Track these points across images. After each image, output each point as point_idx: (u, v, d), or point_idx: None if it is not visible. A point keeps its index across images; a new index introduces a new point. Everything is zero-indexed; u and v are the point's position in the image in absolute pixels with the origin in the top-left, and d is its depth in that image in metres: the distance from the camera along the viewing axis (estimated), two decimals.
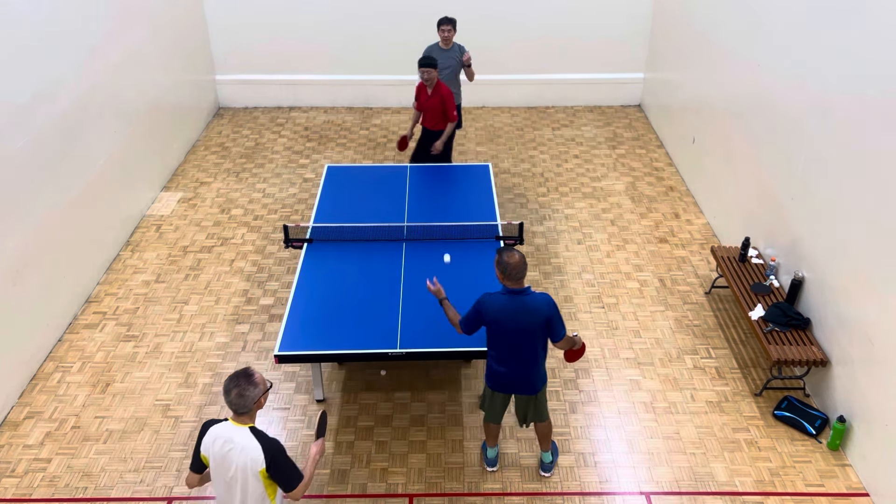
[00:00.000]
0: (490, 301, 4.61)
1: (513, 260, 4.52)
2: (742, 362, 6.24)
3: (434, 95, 7.61)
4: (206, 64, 10.45)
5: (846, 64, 5.39)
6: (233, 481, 3.65)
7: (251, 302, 6.96)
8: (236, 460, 3.61)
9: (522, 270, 4.54)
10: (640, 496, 5.12)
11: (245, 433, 3.62)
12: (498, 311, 4.58)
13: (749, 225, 6.99)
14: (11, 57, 5.87)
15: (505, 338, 4.63)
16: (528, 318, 4.56)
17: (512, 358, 4.71)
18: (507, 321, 4.57)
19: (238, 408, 3.60)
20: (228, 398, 3.59)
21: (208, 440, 3.67)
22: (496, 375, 4.83)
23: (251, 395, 3.59)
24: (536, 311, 4.57)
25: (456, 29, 8.13)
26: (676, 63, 9.30)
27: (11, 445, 5.52)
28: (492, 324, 4.62)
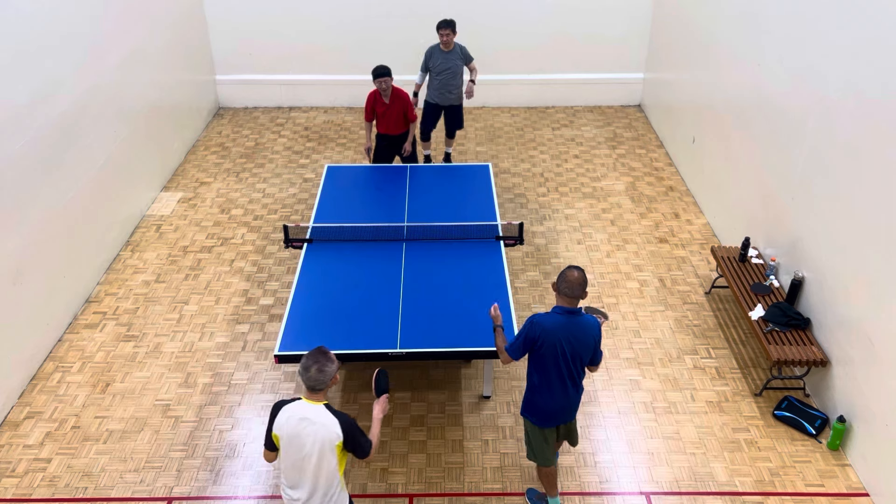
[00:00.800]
0: (544, 321, 4.31)
1: (572, 275, 4.26)
2: (742, 362, 6.24)
3: (393, 103, 7.70)
4: (206, 64, 10.45)
5: (846, 64, 5.39)
6: (307, 459, 3.74)
7: (251, 302, 6.96)
8: (313, 436, 3.71)
9: (578, 289, 4.26)
10: (640, 496, 5.12)
11: (321, 410, 3.74)
12: (554, 331, 4.28)
13: (749, 225, 6.99)
14: (11, 57, 5.87)
15: (557, 361, 4.34)
16: (583, 340, 4.33)
17: (560, 384, 4.42)
18: (563, 342, 4.29)
19: (316, 384, 3.70)
20: (308, 374, 3.68)
21: (282, 419, 3.75)
22: (544, 410, 4.51)
23: (329, 370, 3.71)
24: (591, 333, 4.35)
25: (455, 31, 8.17)
26: (676, 63, 9.31)
27: (11, 445, 5.52)
28: (546, 346, 4.31)
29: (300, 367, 3.73)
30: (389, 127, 7.88)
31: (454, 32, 8.15)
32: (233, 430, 5.63)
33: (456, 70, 8.31)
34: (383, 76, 7.46)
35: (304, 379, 3.71)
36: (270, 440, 3.85)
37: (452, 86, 8.41)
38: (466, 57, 8.39)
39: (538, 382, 4.47)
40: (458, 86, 8.43)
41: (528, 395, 4.58)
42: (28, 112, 6.07)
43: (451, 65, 8.27)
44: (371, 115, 7.87)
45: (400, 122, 7.86)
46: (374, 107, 7.79)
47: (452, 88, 8.43)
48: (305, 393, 3.79)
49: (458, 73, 8.34)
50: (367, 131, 7.99)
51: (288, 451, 3.79)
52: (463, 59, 8.36)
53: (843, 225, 5.40)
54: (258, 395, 5.93)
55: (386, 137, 7.99)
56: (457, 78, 8.37)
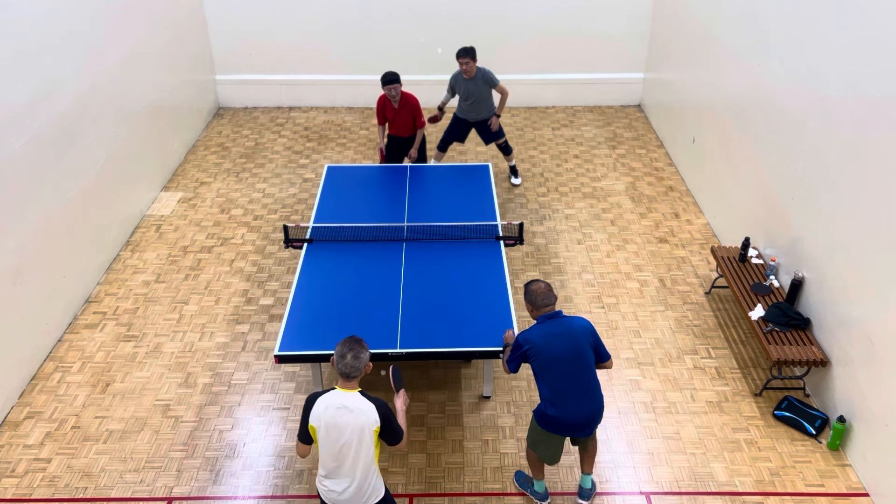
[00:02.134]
0: (530, 334, 4.41)
1: (537, 287, 4.45)
2: (742, 362, 6.24)
3: (402, 108, 7.73)
4: (206, 64, 10.45)
5: (846, 64, 5.39)
6: (345, 447, 3.82)
7: (251, 302, 6.96)
8: (352, 424, 3.79)
9: (549, 296, 4.42)
10: (640, 496, 5.12)
11: (357, 397, 3.83)
12: (541, 338, 4.34)
13: (749, 225, 6.99)
14: (12, 57, 5.87)
15: (557, 367, 4.33)
16: (574, 337, 4.35)
17: (570, 392, 4.36)
18: (554, 345, 4.33)
19: (352, 371, 3.79)
20: (343, 362, 3.77)
21: (319, 409, 3.81)
22: (556, 421, 4.45)
23: (364, 357, 3.81)
24: (580, 328, 4.38)
25: (475, 58, 8.01)
26: (676, 63, 9.31)
27: (11, 445, 5.52)
28: (538, 356, 4.34)
29: (335, 355, 3.83)
30: (399, 130, 7.95)
31: (474, 60, 8.00)
32: (233, 430, 5.63)
33: (481, 97, 8.25)
34: (392, 83, 7.49)
35: (340, 367, 3.79)
36: (306, 433, 3.89)
37: (481, 109, 8.39)
38: (491, 82, 8.19)
39: (548, 394, 4.43)
40: (487, 109, 8.39)
41: (541, 407, 4.53)
42: (28, 112, 6.08)
43: (475, 92, 8.22)
44: (383, 119, 7.91)
45: (409, 126, 7.90)
46: (384, 111, 7.84)
47: (481, 111, 8.41)
48: (340, 381, 3.88)
49: (484, 98, 8.30)
50: (381, 134, 8.01)
51: (326, 441, 3.84)
52: (487, 84, 8.22)
53: (843, 225, 5.40)
54: (258, 395, 5.93)
55: (396, 139, 8.06)
56: (484, 104, 8.34)
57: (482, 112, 8.41)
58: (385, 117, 7.89)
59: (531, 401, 5.87)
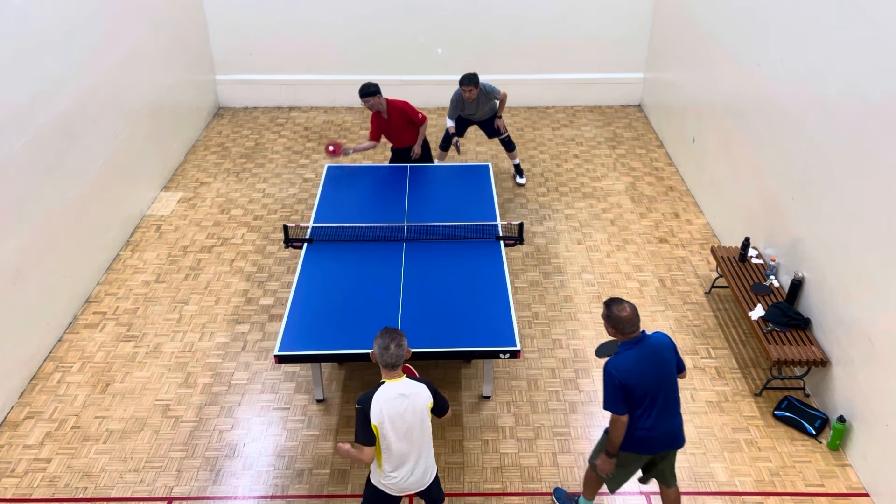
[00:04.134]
0: (620, 364, 4.11)
1: (625, 313, 4.10)
2: (742, 362, 6.24)
3: (394, 116, 7.49)
4: (206, 64, 10.45)
5: (846, 64, 5.39)
6: (411, 430, 3.97)
7: (251, 302, 6.96)
8: (412, 407, 3.94)
9: (637, 321, 4.12)
10: (639, 496, 5.12)
11: (407, 382, 3.96)
12: (634, 368, 4.10)
13: (749, 225, 7.00)
14: (12, 57, 5.87)
15: (648, 391, 4.15)
16: (664, 358, 4.17)
17: (658, 412, 4.20)
18: (647, 373, 4.13)
19: (397, 359, 3.89)
20: (389, 353, 3.86)
21: (377, 408, 3.88)
22: (641, 441, 4.25)
23: (405, 344, 3.93)
24: (668, 348, 4.20)
25: (478, 85, 8.01)
26: (676, 63, 9.31)
27: (11, 445, 5.52)
28: (633, 384, 4.11)
29: (378, 349, 3.89)
30: (402, 140, 7.74)
31: (477, 87, 7.99)
32: (233, 430, 5.63)
33: (488, 112, 8.37)
34: (367, 96, 7.24)
35: (386, 357, 3.88)
36: (370, 434, 3.92)
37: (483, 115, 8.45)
38: (492, 94, 8.22)
39: (637, 415, 4.21)
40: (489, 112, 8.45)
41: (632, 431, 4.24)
42: (28, 112, 6.08)
43: (481, 110, 8.32)
44: (377, 135, 7.66)
45: (408, 132, 7.67)
46: (379, 126, 7.60)
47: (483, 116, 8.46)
48: (385, 373, 3.95)
49: (490, 112, 8.41)
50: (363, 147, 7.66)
51: (392, 432, 3.93)
52: (489, 97, 8.23)
53: (843, 225, 5.40)
54: (258, 395, 5.93)
55: (401, 151, 7.87)
56: (491, 115, 8.46)
57: (484, 116, 8.48)
58: (381, 131, 7.61)
59: (531, 401, 5.87)
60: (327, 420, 5.71)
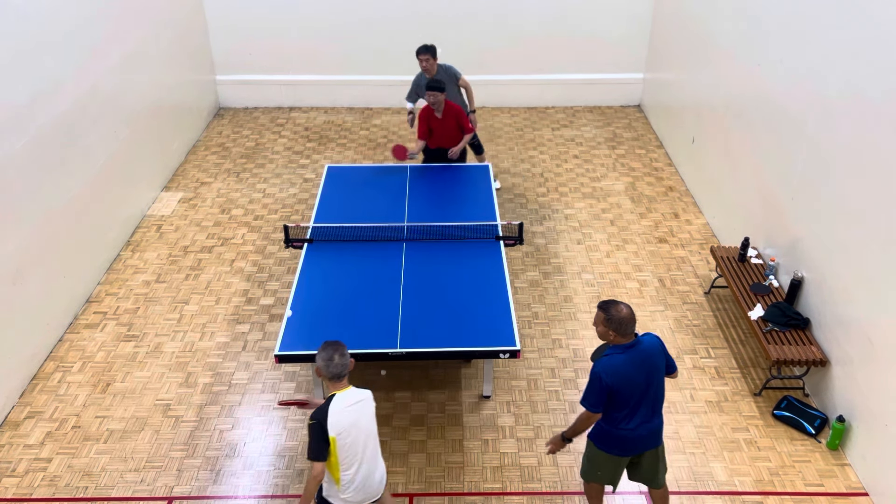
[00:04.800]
0: (610, 367, 4.12)
1: (622, 314, 4.07)
2: (742, 362, 6.25)
3: (446, 117, 7.43)
4: (207, 64, 10.46)
5: (846, 64, 5.40)
6: (367, 437, 4.02)
7: (251, 302, 6.96)
8: (365, 413, 4.02)
9: (633, 323, 4.11)
10: (639, 496, 5.12)
11: (355, 391, 4.02)
12: (623, 373, 4.12)
13: (749, 225, 7.00)
14: (11, 57, 5.88)
15: (637, 395, 4.19)
16: (654, 364, 4.19)
17: (643, 413, 4.25)
18: (635, 379, 4.14)
19: (343, 370, 3.94)
20: (333, 363, 3.91)
21: (334, 419, 3.88)
22: (624, 440, 4.31)
23: (348, 354, 3.98)
24: (658, 354, 4.22)
25: (436, 56, 7.66)
26: (676, 63, 9.31)
27: (12, 445, 5.52)
28: (620, 388, 4.13)
29: (321, 361, 3.92)
30: (444, 141, 7.59)
31: (434, 57, 7.59)
32: (233, 430, 5.63)
33: (447, 94, 7.71)
34: (432, 90, 7.19)
35: (331, 368, 3.92)
36: (325, 449, 3.88)
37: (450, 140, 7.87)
38: (454, 76, 7.87)
39: (622, 416, 4.24)
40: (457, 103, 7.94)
41: (605, 428, 4.32)
42: (28, 112, 6.08)
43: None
44: (426, 133, 7.56)
45: (455, 137, 7.56)
46: (428, 123, 7.50)
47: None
48: (333, 385, 3.98)
49: (451, 95, 7.84)
50: (418, 146, 7.57)
51: (349, 440, 3.93)
52: (451, 79, 7.84)
53: (843, 225, 5.40)
54: (258, 395, 5.94)
55: (439, 151, 7.74)
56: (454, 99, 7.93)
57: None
58: (430, 129, 7.53)
59: (531, 401, 5.87)
60: None
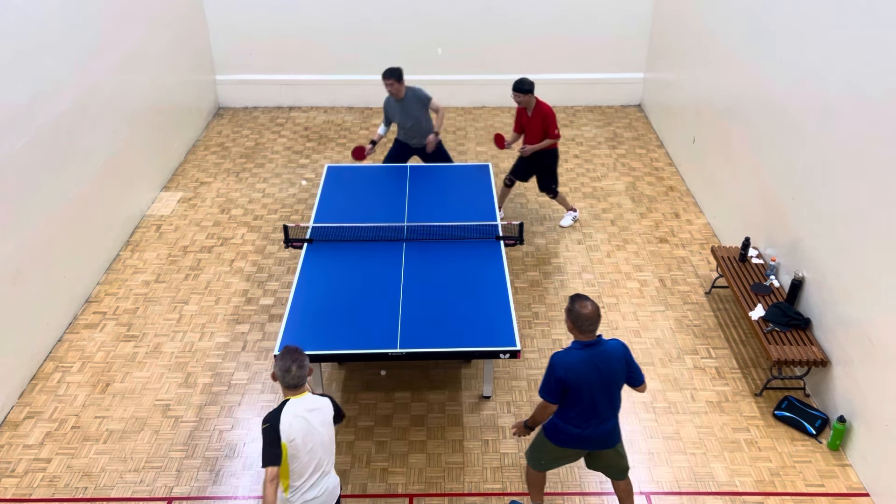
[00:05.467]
0: (567, 359, 4.17)
1: (586, 310, 4.10)
2: (742, 362, 6.24)
3: (534, 117, 7.46)
4: (206, 64, 10.45)
5: (846, 64, 5.39)
6: (322, 445, 3.94)
7: (251, 302, 6.96)
8: (321, 419, 3.93)
9: (596, 322, 4.13)
10: (640, 496, 5.12)
11: (312, 398, 3.95)
12: (580, 369, 4.15)
13: (749, 225, 6.99)
14: (11, 57, 5.87)
15: (589, 395, 4.20)
16: (613, 368, 4.20)
17: (594, 414, 4.28)
18: (589, 377, 4.16)
19: (300, 380, 3.87)
20: (290, 374, 3.83)
21: (286, 424, 3.80)
22: (571, 436, 4.36)
23: (307, 364, 3.90)
24: (618, 359, 4.22)
25: (401, 79, 7.29)
26: (676, 63, 9.31)
27: (11, 445, 5.52)
28: (573, 383, 4.17)
29: (279, 371, 3.85)
30: (529, 139, 7.63)
31: (398, 81, 7.26)
32: (233, 430, 5.63)
33: (417, 118, 7.54)
34: (515, 91, 7.30)
35: (288, 379, 3.85)
36: (277, 455, 3.78)
37: (417, 132, 7.70)
38: (423, 99, 7.49)
39: (573, 415, 4.30)
40: (425, 131, 7.66)
41: (558, 423, 4.38)
42: (28, 112, 6.08)
43: (409, 114, 7.52)
44: (519, 128, 7.72)
45: (538, 137, 7.55)
46: (519, 120, 7.67)
47: (420, 135, 7.68)
48: (288, 392, 3.91)
49: (421, 119, 7.57)
50: (512, 139, 7.83)
51: (304, 448, 3.85)
52: (419, 102, 7.49)
53: (843, 225, 5.40)
54: (258, 395, 5.93)
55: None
56: (420, 126, 7.61)
57: (419, 136, 7.70)
58: (521, 125, 7.67)
59: (531, 401, 5.87)
60: None
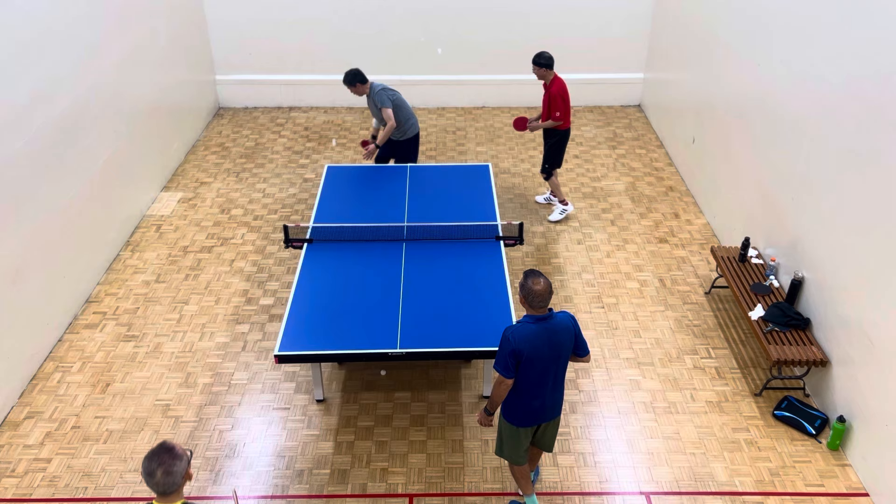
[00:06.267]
0: (518, 332, 4.28)
1: (538, 287, 4.21)
2: (742, 362, 6.25)
3: (546, 94, 7.73)
4: (206, 64, 10.45)
5: (846, 64, 5.40)
6: None
7: (251, 302, 6.96)
8: None
9: (547, 298, 4.25)
10: (639, 496, 5.12)
11: None
12: (532, 342, 4.26)
13: (749, 225, 7.00)
14: (11, 57, 5.87)
15: (540, 368, 4.33)
16: (562, 341, 4.32)
17: (545, 386, 4.42)
18: (541, 350, 4.28)
19: (168, 487, 3.21)
20: (154, 480, 3.19)
21: None
22: (528, 411, 4.49)
23: (178, 469, 3.23)
24: (567, 331, 4.33)
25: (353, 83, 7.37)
26: (676, 63, 9.31)
27: (11, 445, 5.52)
28: (526, 356, 4.28)
29: (143, 473, 3.21)
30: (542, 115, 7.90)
31: (351, 85, 7.38)
32: (233, 430, 5.63)
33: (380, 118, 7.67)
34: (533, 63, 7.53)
35: (152, 486, 3.21)
36: None
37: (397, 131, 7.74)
38: (378, 103, 7.51)
39: (525, 387, 4.42)
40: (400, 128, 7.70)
41: (512, 399, 4.49)
42: (28, 112, 6.08)
43: (374, 113, 7.72)
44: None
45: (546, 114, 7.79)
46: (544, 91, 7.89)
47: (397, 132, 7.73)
48: (157, 497, 3.27)
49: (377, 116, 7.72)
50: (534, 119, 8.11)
51: None
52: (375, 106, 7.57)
53: (843, 225, 5.40)
54: (258, 396, 5.94)
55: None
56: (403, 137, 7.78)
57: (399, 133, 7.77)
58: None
59: None
60: (327, 420, 5.71)
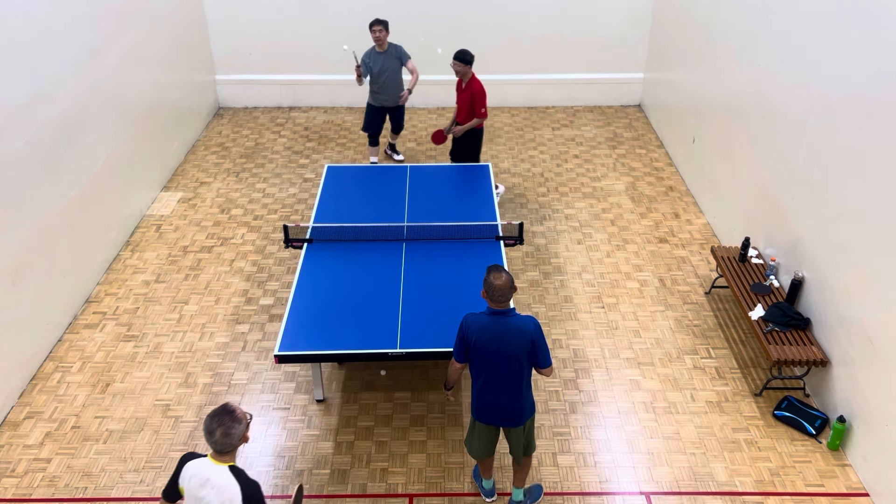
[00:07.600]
0: (472, 322, 4.40)
1: (499, 282, 4.27)
2: (742, 362, 6.24)
3: (465, 91, 7.74)
4: (206, 64, 10.45)
5: (846, 64, 5.40)
6: None
7: (251, 302, 6.96)
8: (213, 501, 3.43)
9: (508, 294, 4.29)
10: (640, 496, 5.12)
11: (224, 472, 3.45)
12: (481, 331, 4.35)
13: (749, 225, 7.00)
14: (11, 56, 5.87)
15: (489, 361, 4.40)
16: (512, 340, 4.33)
17: (496, 383, 4.46)
18: (489, 342, 4.34)
19: (224, 447, 3.43)
20: (213, 438, 3.40)
21: (186, 475, 3.53)
22: (483, 405, 4.58)
23: (237, 432, 3.42)
24: (521, 332, 4.34)
25: (388, 30, 8.17)
26: (676, 63, 9.31)
27: (11, 445, 5.52)
28: (474, 346, 4.39)
29: (204, 429, 3.43)
30: (458, 114, 7.98)
31: (387, 31, 8.13)
32: None
33: (393, 71, 8.36)
34: (455, 59, 7.58)
35: (210, 443, 3.43)
36: (175, 491, 3.58)
37: (391, 87, 8.47)
38: (402, 57, 8.36)
39: (479, 381, 4.53)
40: (398, 88, 8.51)
41: (473, 394, 4.65)
42: (28, 112, 6.07)
43: (388, 67, 8.30)
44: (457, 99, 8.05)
45: (465, 113, 7.86)
46: (456, 90, 7.93)
47: (390, 91, 8.51)
48: (212, 453, 3.49)
49: (395, 74, 8.41)
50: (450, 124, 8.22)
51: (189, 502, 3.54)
52: (398, 59, 8.33)
53: (843, 225, 5.40)
54: (258, 395, 5.93)
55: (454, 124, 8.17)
56: (395, 80, 8.44)
57: (392, 94, 8.48)
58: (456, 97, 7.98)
59: None
60: (327, 420, 5.71)
